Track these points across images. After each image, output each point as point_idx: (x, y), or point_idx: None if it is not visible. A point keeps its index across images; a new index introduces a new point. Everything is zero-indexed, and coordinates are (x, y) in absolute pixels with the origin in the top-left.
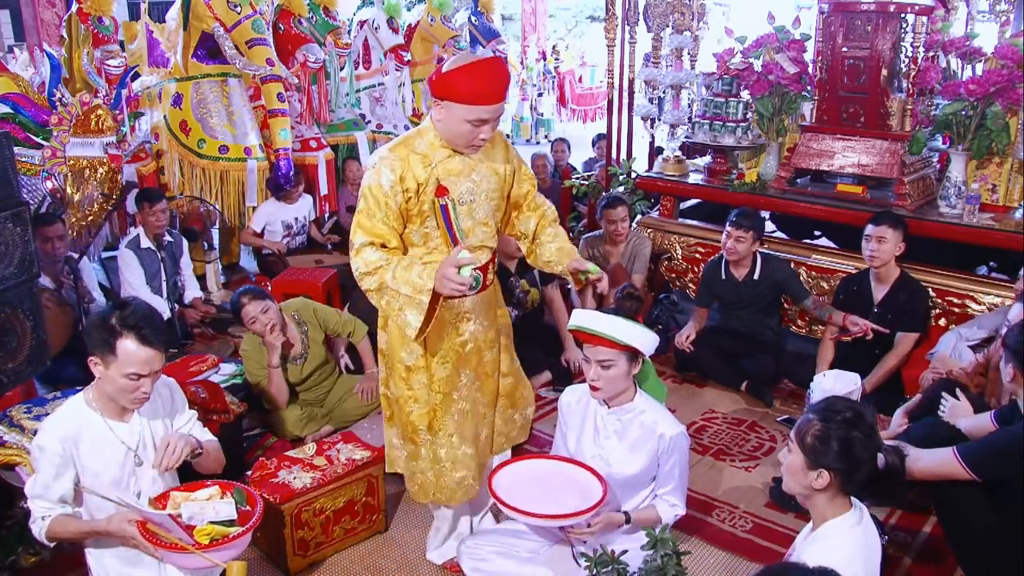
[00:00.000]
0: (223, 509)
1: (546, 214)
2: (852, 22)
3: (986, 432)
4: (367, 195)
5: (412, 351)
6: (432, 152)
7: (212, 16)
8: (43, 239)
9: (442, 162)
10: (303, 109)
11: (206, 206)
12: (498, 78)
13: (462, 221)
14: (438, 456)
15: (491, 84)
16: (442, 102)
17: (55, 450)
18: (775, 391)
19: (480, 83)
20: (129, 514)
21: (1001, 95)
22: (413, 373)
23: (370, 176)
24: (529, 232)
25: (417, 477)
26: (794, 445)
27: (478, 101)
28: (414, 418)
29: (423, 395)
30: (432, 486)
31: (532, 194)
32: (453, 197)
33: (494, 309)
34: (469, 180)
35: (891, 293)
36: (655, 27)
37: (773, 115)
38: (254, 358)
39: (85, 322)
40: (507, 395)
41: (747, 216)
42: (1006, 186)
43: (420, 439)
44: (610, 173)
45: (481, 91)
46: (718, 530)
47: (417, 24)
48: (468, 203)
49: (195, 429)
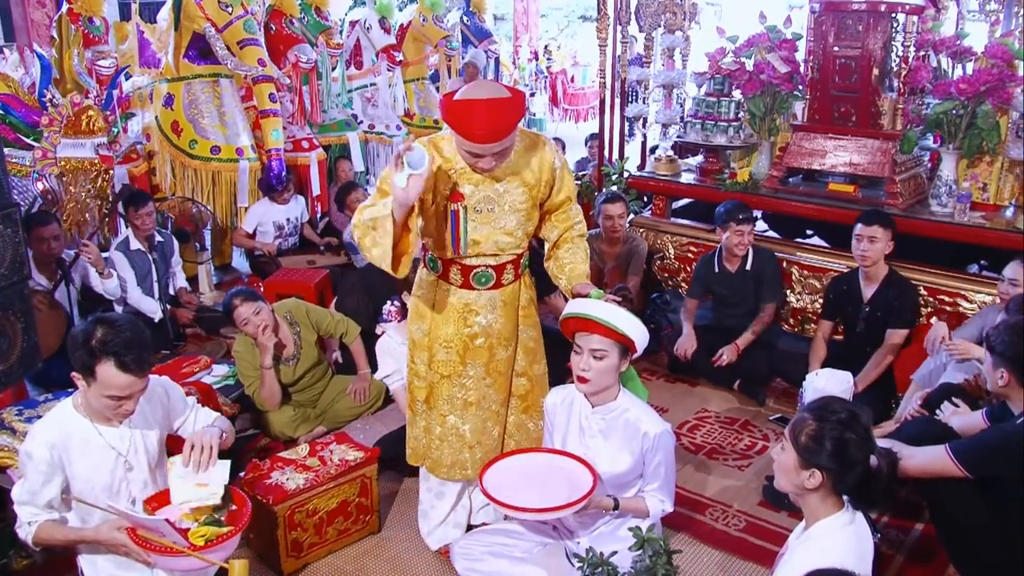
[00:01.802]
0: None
1: (572, 227)
2: (843, 21)
3: (978, 430)
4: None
5: (419, 327)
6: (454, 157)
7: (203, 16)
8: (39, 240)
9: (464, 168)
10: (295, 109)
11: (198, 207)
12: (488, 121)
13: (479, 229)
14: (431, 428)
15: (481, 126)
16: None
17: (43, 457)
18: (767, 390)
19: (471, 121)
20: (118, 521)
21: (991, 94)
22: (417, 348)
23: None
24: (551, 240)
25: (411, 442)
26: (788, 443)
27: (466, 136)
28: (413, 389)
29: (423, 371)
30: (423, 451)
31: (567, 207)
32: (468, 204)
33: (514, 308)
34: (490, 190)
35: (880, 291)
36: (647, 27)
37: (765, 114)
38: (247, 359)
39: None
40: (520, 396)
41: (745, 210)
42: (996, 185)
43: (417, 409)
44: (603, 173)
45: (469, 130)
46: (711, 529)
47: (409, 24)
48: (486, 211)
49: (200, 417)
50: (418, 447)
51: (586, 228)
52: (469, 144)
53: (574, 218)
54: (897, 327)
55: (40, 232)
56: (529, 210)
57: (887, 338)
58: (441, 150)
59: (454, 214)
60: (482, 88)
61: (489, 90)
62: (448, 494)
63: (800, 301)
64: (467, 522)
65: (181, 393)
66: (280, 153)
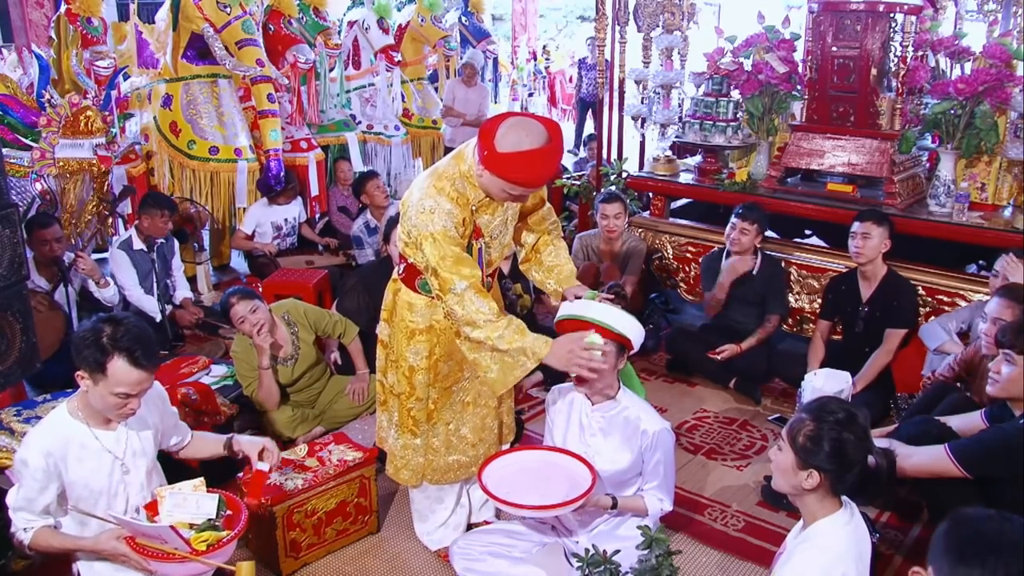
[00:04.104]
0: (205, 504)
1: (548, 229)
2: (841, 22)
3: (976, 430)
4: (438, 239)
5: (418, 352)
6: (469, 192)
7: (202, 17)
8: (40, 241)
9: (480, 203)
10: (293, 110)
11: (196, 207)
12: (553, 165)
13: (492, 252)
14: (431, 445)
15: (545, 174)
16: (491, 174)
17: (39, 465)
18: (766, 390)
19: (532, 172)
20: (117, 531)
21: (990, 94)
22: (417, 373)
23: (430, 222)
24: (528, 244)
25: (410, 463)
26: (785, 444)
27: (527, 185)
28: (415, 413)
29: (424, 393)
30: (423, 468)
31: (541, 208)
32: (485, 235)
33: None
34: (501, 213)
35: (879, 291)
36: (645, 27)
37: (763, 114)
38: (245, 359)
39: (75, 332)
40: None
41: (753, 209)
42: (995, 185)
43: (420, 431)
44: (601, 173)
45: (530, 179)
46: (710, 529)
47: (407, 24)
48: (498, 236)
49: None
50: (418, 467)
51: (559, 223)
52: (527, 190)
53: (548, 218)
54: (896, 327)
55: (42, 234)
56: (515, 218)
57: (886, 338)
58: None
59: (480, 251)
60: (524, 131)
61: (533, 132)
62: (448, 497)
63: (799, 301)
64: (467, 522)
65: (174, 409)
66: (278, 153)
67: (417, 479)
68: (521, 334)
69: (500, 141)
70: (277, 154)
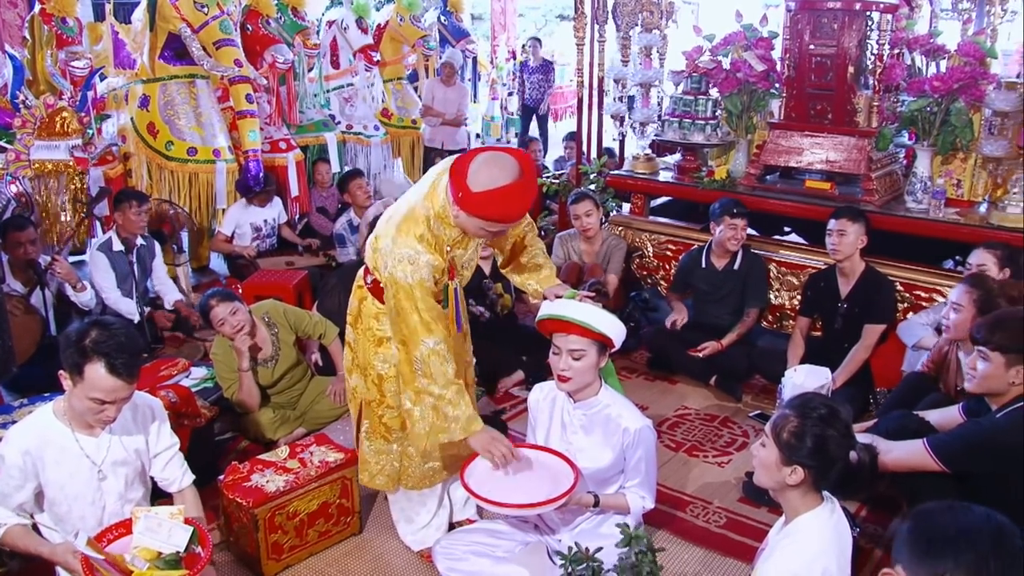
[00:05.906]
0: (177, 535)
1: (525, 235)
2: (819, 20)
3: (955, 425)
4: (415, 291)
5: (386, 360)
6: (444, 233)
7: (179, 17)
8: (14, 244)
9: (455, 241)
10: (272, 110)
11: (175, 209)
12: (529, 198)
13: (465, 276)
14: (407, 452)
15: (523, 205)
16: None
17: (15, 462)
18: (747, 386)
19: (509, 207)
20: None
21: (964, 91)
22: (386, 381)
23: (407, 272)
24: (507, 249)
25: (384, 469)
26: (769, 440)
27: (504, 221)
28: (387, 420)
29: (395, 401)
30: (398, 474)
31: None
32: (459, 269)
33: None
34: (473, 245)
35: (857, 287)
36: (624, 25)
37: (742, 112)
38: (224, 362)
39: (66, 329)
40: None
41: (740, 206)
42: (970, 181)
43: (393, 437)
44: (580, 171)
45: (512, 214)
46: (692, 525)
47: (386, 24)
48: (469, 265)
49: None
50: (393, 472)
51: (534, 224)
52: (503, 226)
53: (527, 229)
54: (874, 322)
55: (16, 237)
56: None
57: (864, 333)
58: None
59: (455, 291)
60: (497, 167)
61: (506, 167)
62: (429, 500)
63: (778, 298)
64: (448, 521)
65: (166, 417)
66: (257, 154)
67: (393, 484)
68: (465, 404)
69: (473, 180)
70: (256, 155)
